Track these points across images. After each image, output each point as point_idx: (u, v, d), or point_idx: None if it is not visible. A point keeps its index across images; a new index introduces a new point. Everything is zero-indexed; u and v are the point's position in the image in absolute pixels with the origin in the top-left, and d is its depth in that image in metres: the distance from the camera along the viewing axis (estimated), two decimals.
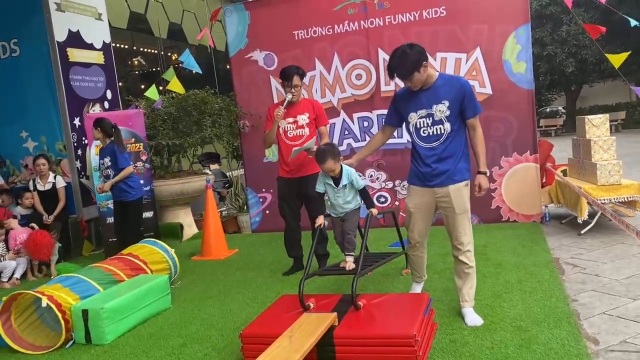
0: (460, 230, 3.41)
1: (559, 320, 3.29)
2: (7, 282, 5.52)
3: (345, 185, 3.61)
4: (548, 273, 4.23)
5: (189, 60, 6.59)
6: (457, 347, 3.05)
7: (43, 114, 6.96)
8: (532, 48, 6.24)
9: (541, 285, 3.96)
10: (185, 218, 7.27)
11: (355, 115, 6.70)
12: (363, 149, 3.83)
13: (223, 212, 7.92)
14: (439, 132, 3.36)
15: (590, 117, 5.95)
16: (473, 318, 3.38)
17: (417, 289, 3.91)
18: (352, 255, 3.66)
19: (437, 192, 3.43)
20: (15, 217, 6.11)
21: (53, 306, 3.66)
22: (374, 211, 3.63)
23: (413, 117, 3.42)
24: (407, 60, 3.22)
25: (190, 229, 7.25)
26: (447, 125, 3.33)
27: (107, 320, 3.68)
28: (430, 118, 3.36)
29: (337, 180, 3.61)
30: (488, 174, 3.44)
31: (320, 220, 3.67)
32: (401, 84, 3.48)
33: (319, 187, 3.72)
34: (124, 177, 5.38)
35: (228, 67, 7.71)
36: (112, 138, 5.47)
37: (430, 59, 6.24)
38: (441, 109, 3.32)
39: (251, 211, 7.28)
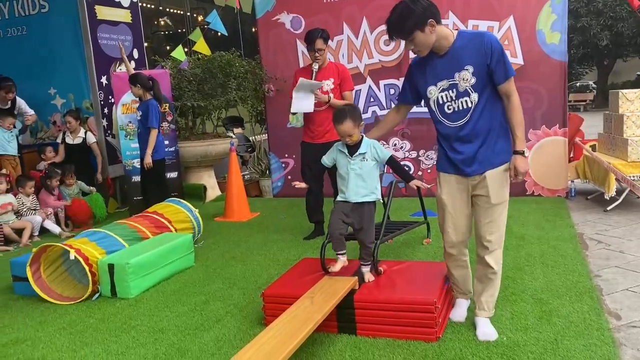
0: (493, 225, 2.78)
1: (581, 295, 3.27)
2: (37, 235, 5.74)
3: (364, 157, 3.10)
4: (571, 248, 4.19)
5: (215, 22, 6.52)
6: None
7: (71, 71, 6.99)
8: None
9: (564, 259, 3.93)
10: (208, 180, 7.35)
11: (382, 82, 6.60)
12: (375, 129, 3.25)
13: (245, 176, 7.96)
14: (465, 107, 2.73)
15: (624, 91, 5.79)
16: (486, 331, 2.83)
17: (463, 305, 3.08)
18: (369, 264, 3.19)
19: (473, 180, 2.80)
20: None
21: (81, 259, 3.76)
22: (418, 183, 3.32)
23: (433, 92, 2.80)
24: (408, 16, 2.59)
25: (213, 191, 7.33)
26: (474, 96, 2.70)
27: (132, 275, 3.77)
28: (454, 90, 2.73)
29: (353, 149, 3.14)
30: (527, 154, 2.67)
31: None
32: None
33: (326, 159, 3.28)
34: (154, 143, 5.37)
35: (254, 29, 7.62)
36: (152, 92, 5.47)
37: (461, 25, 6.10)
38: (465, 77, 2.68)
39: (273, 176, 7.31)
